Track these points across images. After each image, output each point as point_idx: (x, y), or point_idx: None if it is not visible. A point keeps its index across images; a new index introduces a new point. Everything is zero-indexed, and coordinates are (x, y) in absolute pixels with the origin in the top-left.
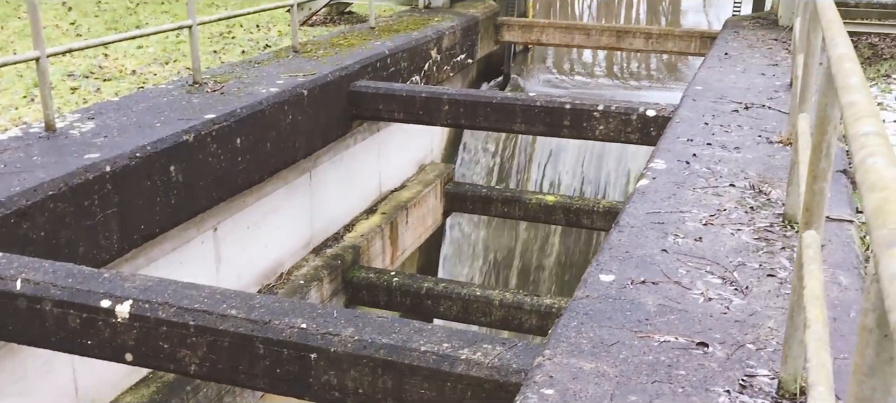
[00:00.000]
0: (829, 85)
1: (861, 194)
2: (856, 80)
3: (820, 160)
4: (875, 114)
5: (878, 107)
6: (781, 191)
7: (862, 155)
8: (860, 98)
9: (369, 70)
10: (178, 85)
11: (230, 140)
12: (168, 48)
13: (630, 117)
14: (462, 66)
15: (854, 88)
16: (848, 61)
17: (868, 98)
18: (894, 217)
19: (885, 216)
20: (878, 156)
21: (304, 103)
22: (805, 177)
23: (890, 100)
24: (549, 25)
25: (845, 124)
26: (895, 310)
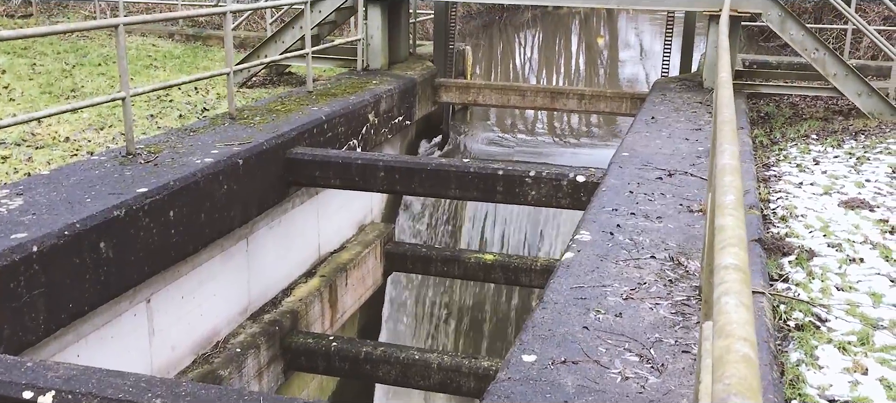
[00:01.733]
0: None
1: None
2: (731, 199)
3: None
4: (741, 241)
5: (801, 171)
6: (698, 263)
7: (719, 291)
8: (730, 221)
9: (306, 136)
10: (110, 156)
11: (163, 213)
12: (103, 113)
13: (561, 183)
14: (400, 127)
15: (728, 209)
16: (729, 174)
17: (739, 220)
18: (733, 370)
19: (724, 366)
20: (731, 295)
21: (240, 172)
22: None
23: (808, 161)
24: (486, 86)
25: (715, 247)
26: None
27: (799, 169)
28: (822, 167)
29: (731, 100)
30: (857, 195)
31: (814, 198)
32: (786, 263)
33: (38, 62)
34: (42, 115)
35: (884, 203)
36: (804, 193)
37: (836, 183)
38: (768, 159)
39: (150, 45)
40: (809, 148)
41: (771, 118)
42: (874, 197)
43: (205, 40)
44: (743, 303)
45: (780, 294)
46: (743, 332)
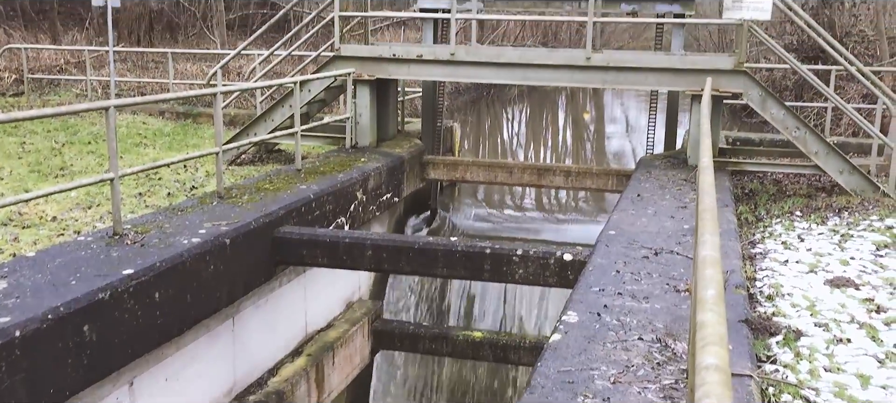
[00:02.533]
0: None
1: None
2: (712, 294)
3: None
4: (721, 339)
5: (787, 248)
6: (686, 344)
7: (700, 394)
8: (711, 318)
9: (294, 215)
10: (97, 237)
11: (148, 295)
12: (91, 192)
13: (548, 261)
14: (388, 204)
15: (708, 305)
16: (710, 266)
17: (720, 317)
18: None
19: None
20: (712, 398)
21: (227, 252)
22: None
23: (793, 238)
24: (473, 164)
25: (696, 343)
26: None
27: (784, 246)
28: (807, 244)
29: (713, 186)
30: (843, 273)
31: (799, 276)
32: (773, 344)
33: (27, 141)
34: (29, 197)
35: (869, 281)
36: (790, 271)
37: (821, 260)
38: (753, 236)
39: (140, 123)
40: (794, 224)
41: (755, 194)
42: (859, 275)
43: (195, 118)
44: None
45: (768, 376)
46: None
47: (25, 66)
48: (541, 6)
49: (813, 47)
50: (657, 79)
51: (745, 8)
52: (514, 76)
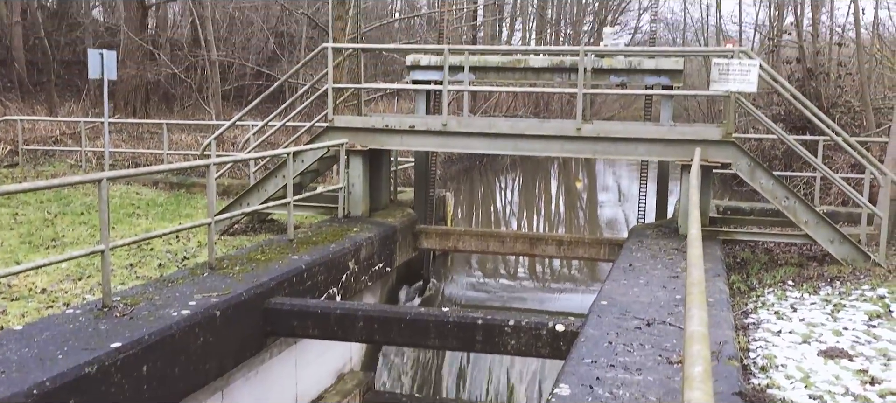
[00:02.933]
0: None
1: None
2: (699, 371)
3: None
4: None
5: (779, 318)
6: None
7: None
8: (698, 396)
9: (285, 286)
10: (86, 309)
11: (136, 368)
12: (82, 263)
13: (540, 332)
14: (380, 274)
15: (696, 382)
16: (697, 342)
17: (707, 395)
18: None
19: None
20: None
21: (217, 324)
22: None
23: (786, 307)
24: (466, 233)
25: None
26: None
27: (777, 316)
28: (800, 314)
29: (701, 259)
30: (836, 344)
31: (793, 346)
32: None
33: (19, 212)
34: (19, 270)
35: (862, 352)
36: (783, 342)
37: (814, 331)
38: (746, 306)
39: (133, 193)
40: (786, 294)
41: (747, 263)
42: (852, 345)
43: (189, 188)
44: None
45: None
46: None
47: (21, 137)
48: (531, 77)
49: (800, 118)
50: (647, 150)
51: (731, 80)
52: (506, 146)
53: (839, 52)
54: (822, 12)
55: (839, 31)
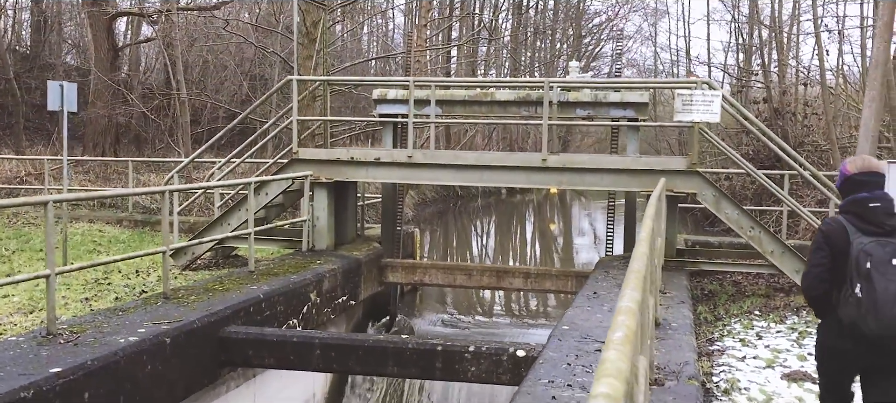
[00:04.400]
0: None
1: None
2: (619, 336)
3: None
4: (619, 372)
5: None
6: None
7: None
8: (613, 355)
9: (242, 314)
10: (29, 337)
11: (78, 395)
12: (34, 297)
13: (501, 358)
14: (344, 307)
15: (613, 345)
16: (623, 314)
17: (622, 355)
18: None
19: None
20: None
21: (167, 352)
22: None
23: (751, 335)
24: (432, 266)
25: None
26: None
27: (742, 343)
28: (765, 341)
29: (646, 256)
30: (800, 367)
31: (757, 371)
32: None
33: None
34: None
35: None
36: (747, 367)
37: (779, 356)
38: (712, 335)
39: (96, 231)
40: (753, 323)
41: (715, 295)
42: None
43: (153, 225)
44: None
45: None
46: None
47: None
48: (498, 111)
49: (769, 156)
50: (613, 181)
51: (695, 110)
52: (472, 178)
53: (805, 93)
54: (788, 55)
55: (805, 72)
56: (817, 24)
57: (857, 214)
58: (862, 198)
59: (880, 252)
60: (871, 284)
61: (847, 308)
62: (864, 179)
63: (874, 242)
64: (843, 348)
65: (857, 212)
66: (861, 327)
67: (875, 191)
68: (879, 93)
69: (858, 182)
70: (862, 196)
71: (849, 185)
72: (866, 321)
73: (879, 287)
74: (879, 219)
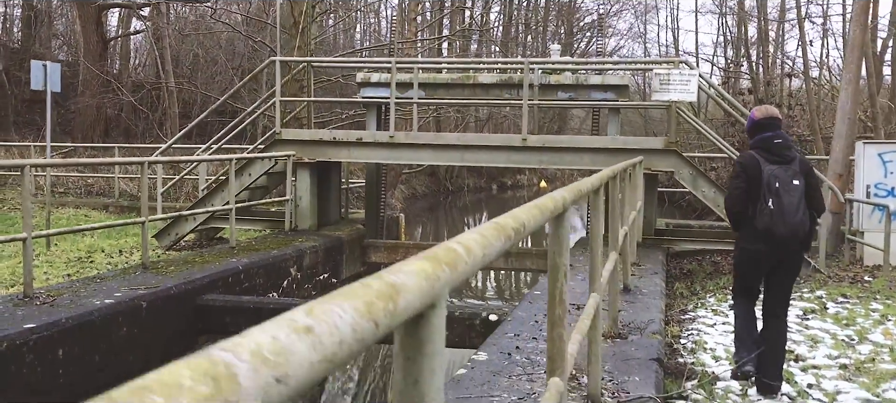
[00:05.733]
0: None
1: None
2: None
3: (555, 307)
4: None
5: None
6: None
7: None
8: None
9: (220, 284)
10: (5, 300)
11: (52, 351)
12: (17, 272)
13: (473, 322)
14: (325, 285)
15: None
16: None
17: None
18: None
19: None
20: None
21: (143, 315)
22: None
23: (724, 307)
24: (415, 246)
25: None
26: None
27: (714, 313)
28: None
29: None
30: None
31: (725, 335)
32: (689, 386)
33: None
34: None
35: (792, 338)
36: (715, 331)
37: None
38: (686, 306)
39: (82, 216)
40: (727, 297)
41: (693, 274)
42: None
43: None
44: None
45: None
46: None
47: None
48: (480, 93)
49: None
50: (591, 159)
51: (672, 89)
52: (453, 158)
53: (790, 85)
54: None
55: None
56: (801, 16)
57: (765, 148)
58: (768, 136)
59: (784, 175)
60: (779, 199)
61: (762, 218)
62: (768, 123)
63: (779, 168)
64: (759, 249)
65: (765, 147)
66: (773, 231)
67: (777, 131)
68: (855, 76)
69: (764, 125)
70: (768, 135)
71: (756, 128)
72: (777, 226)
73: (785, 200)
74: (782, 152)
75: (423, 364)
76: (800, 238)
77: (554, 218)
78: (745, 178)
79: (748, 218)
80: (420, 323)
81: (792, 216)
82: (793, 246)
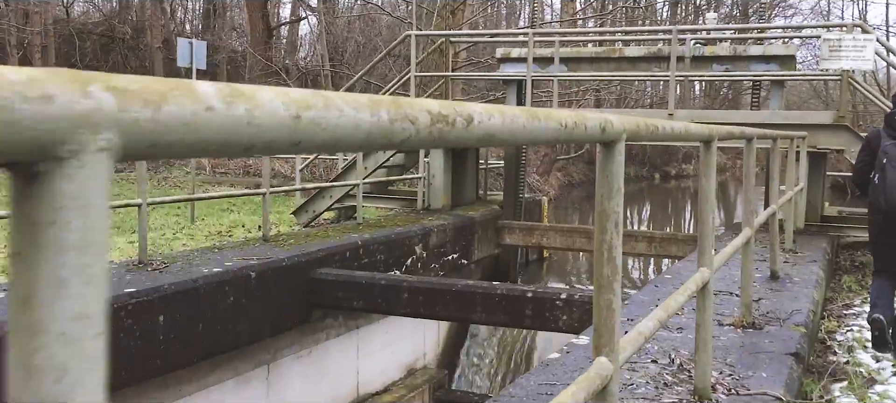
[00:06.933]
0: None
1: None
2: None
3: (602, 266)
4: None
5: None
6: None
7: None
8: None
9: (336, 258)
10: (121, 264)
11: (151, 317)
12: (157, 242)
13: (591, 306)
14: (455, 265)
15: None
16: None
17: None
18: None
19: None
20: None
21: (252, 285)
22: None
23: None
24: (551, 228)
25: None
26: None
27: None
28: None
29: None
30: None
31: None
32: (836, 389)
33: None
34: None
35: None
36: None
37: None
38: (852, 301)
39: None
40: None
41: (865, 267)
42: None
43: (288, 193)
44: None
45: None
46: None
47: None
48: (626, 67)
49: None
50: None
51: (844, 57)
52: None
53: None
54: None
55: None
56: None
57: (889, 124)
58: (892, 113)
59: (894, 151)
60: (883, 174)
61: (871, 190)
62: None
63: (892, 144)
64: (874, 219)
65: (889, 123)
66: (875, 204)
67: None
68: None
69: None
70: (893, 111)
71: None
72: (879, 200)
73: (889, 176)
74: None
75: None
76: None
77: (601, 144)
78: (868, 152)
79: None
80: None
81: (892, 191)
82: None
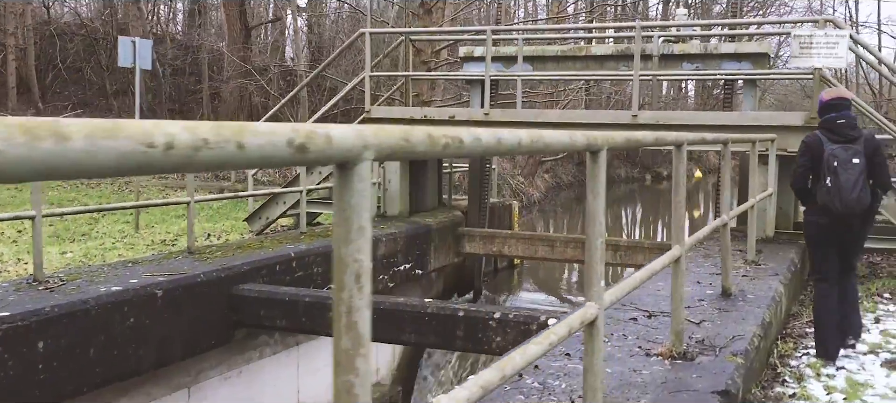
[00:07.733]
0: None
1: None
2: None
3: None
4: None
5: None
6: None
7: None
8: None
9: (264, 273)
10: (13, 283)
11: (28, 344)
12: (89, 253)
13: (530, 327)
14: (408, 276)
15: None
16: None
17: None
18: None
19: None
20: None
21: (158, 305)
22: None
23: (869, 320)
24: (512, 236)
25: None
26: None
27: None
28: (883, 326)
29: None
30: None
31: (855, 356)
32: None
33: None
34: None
35: None
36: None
37: (889, 342)
38: None
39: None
40: (877, 306)
41: None
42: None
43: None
44: None
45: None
46: None
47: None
48: (593, 67)
49: None
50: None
51: (815, 54)
52: None
53: None
54: None
55: None
56: None
57: (829, 129)
58: (833, 117)
59: (844, 154)
60: (836, 177)
61: (821, 194)
62: (836, 104)
63: (840, 147)
64: (822, 222)
65: (829, 128)
66: (830, 208)
67: (843, 112)
68: None
69: (831, 106)
70: (833, 116)
71: (824, 109)
72: (834, 203)
73: (842, 178)
74: (845, 132)
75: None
76: (857, 213)
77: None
78: (808, 158)
79: (811, 194)
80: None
81: (848, 193)
82: (852, 220)
